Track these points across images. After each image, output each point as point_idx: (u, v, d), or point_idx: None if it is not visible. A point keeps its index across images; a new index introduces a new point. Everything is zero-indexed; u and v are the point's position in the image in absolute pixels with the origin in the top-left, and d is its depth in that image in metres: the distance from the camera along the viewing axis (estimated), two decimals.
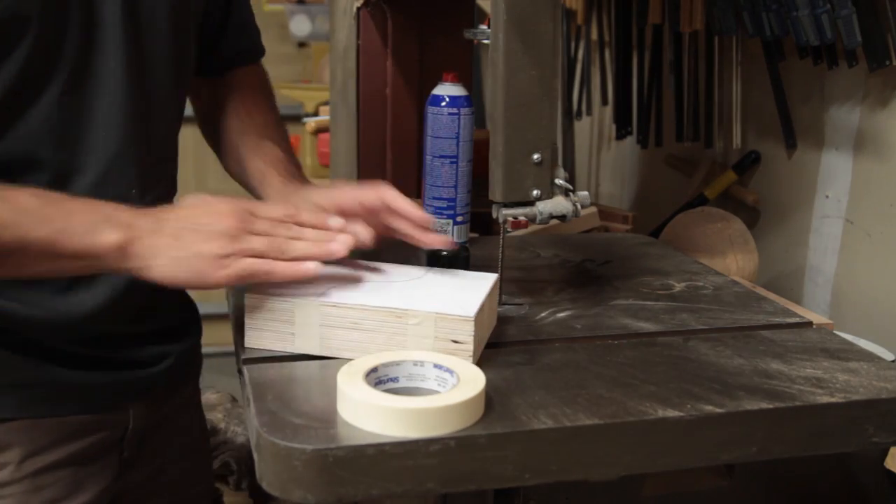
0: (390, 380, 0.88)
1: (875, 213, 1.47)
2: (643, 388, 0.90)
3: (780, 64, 1.63)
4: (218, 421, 1.81)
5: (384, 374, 0.88)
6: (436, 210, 1.27)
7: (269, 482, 0.79)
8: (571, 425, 0.82)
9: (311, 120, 2.75)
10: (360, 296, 0.95)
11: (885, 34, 1.38)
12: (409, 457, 0.78)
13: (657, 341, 1.04)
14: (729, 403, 0.87)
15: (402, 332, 0.92)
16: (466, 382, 0.84)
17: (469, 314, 0.91)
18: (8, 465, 0.99)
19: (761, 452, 0.87)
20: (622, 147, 2.30)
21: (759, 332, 1.08)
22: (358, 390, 0.82)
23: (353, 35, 1.64)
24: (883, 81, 1.43)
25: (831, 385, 0.92)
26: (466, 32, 1.15)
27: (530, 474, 0.81)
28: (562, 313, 1.12)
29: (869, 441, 0.90)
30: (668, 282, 1.26)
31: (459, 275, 1.06)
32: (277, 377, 0.91)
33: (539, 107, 1.03)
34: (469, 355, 0.91)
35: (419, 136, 1.64)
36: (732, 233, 1.54)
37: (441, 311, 0.91)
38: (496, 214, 1.07)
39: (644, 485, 0.96)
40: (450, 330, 0.91)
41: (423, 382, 0.89)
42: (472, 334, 0.91)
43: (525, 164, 1.04)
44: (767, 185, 1.73)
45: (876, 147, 1.46)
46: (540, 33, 1.01)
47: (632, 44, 2.08)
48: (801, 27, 1.43)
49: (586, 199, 1.10)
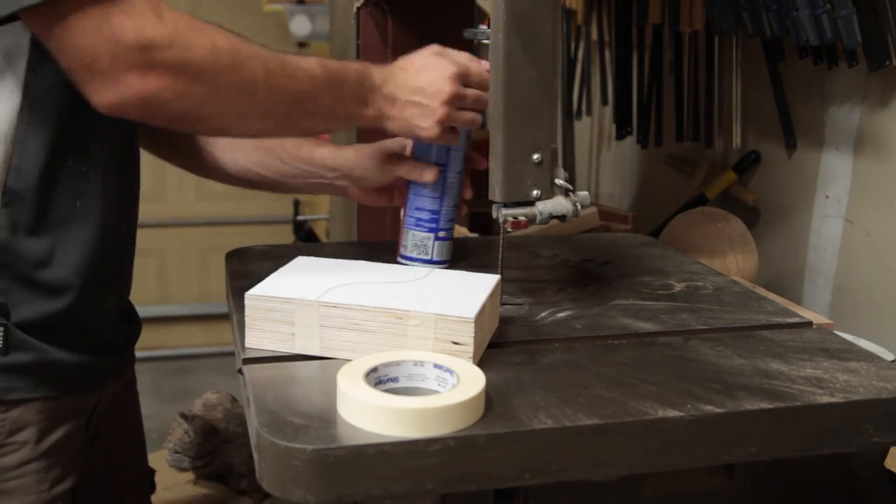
0: (390, 380, 0.88)
1: (875, 213, 1.47)
2: (643, 388, 0.90)
3: (780, 64, 1.63)
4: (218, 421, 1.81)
5: (384, 374, 0.88)
6: (417, 222, 1.18)
7: (269, 482, 0.79)
8: (571, 425, 0.82)
9: None
10: (360, 297, 0.95)
11: (885, 34, 1.38)
12: (409, 457, 0.78)
13: (657, 341, 1.04)
14: (729, 403, 0.87)
15: (403, 333, 0.92)
16: (466, 382, 0.84)
17: (469, 316, 0.91)
18: (27, 444, 1.02)
19: (761, 452, 0.87)
20: (622, 147, 2.30)
21: (759, 332, 1.08)
22: (358, 390, 0.82)
23: (353, 35, 1.64)
24: (883, 81, 1.43)
25: (831, 385, 0.92)
26: (466, 32, 1.15)
27: (530, 474, 0.81)
28: (562, 313, 1.12)
29: (869, 441, 0.90)
30: (668, 282, 1.26)
31: (462, 275, 1.06)
32: (277, 377, 0.91)
33: (539, 107, 1.03)
34: (469, 357, 0.91)
35: None
36: (732, 233, 1.54)
37: (441, 313, 0.91)
38: (496, 214, 1.07)
39: (644, 485, 0.96)
40: (450, 331, 0.91)
41: (422, 382, 0.89)
42: (472, 336, 0.91)
43: (525, 164, 1.04)
44: (767, 185, 1.73)
45: (876, 147, 1.46)
46: (540, 33, 1.01)
47: (632, 44, 2.08)
48: (801, 27, 1.43)
49: (586, 199, 1.10)
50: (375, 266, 1.07)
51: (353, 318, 0.93)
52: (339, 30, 1.73)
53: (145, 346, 5.23)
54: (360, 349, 0.93)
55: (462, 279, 1.04)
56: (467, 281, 1.03)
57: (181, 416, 1.85)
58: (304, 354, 0.95)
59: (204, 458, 1.78)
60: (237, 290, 1.10)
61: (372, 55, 1.62)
